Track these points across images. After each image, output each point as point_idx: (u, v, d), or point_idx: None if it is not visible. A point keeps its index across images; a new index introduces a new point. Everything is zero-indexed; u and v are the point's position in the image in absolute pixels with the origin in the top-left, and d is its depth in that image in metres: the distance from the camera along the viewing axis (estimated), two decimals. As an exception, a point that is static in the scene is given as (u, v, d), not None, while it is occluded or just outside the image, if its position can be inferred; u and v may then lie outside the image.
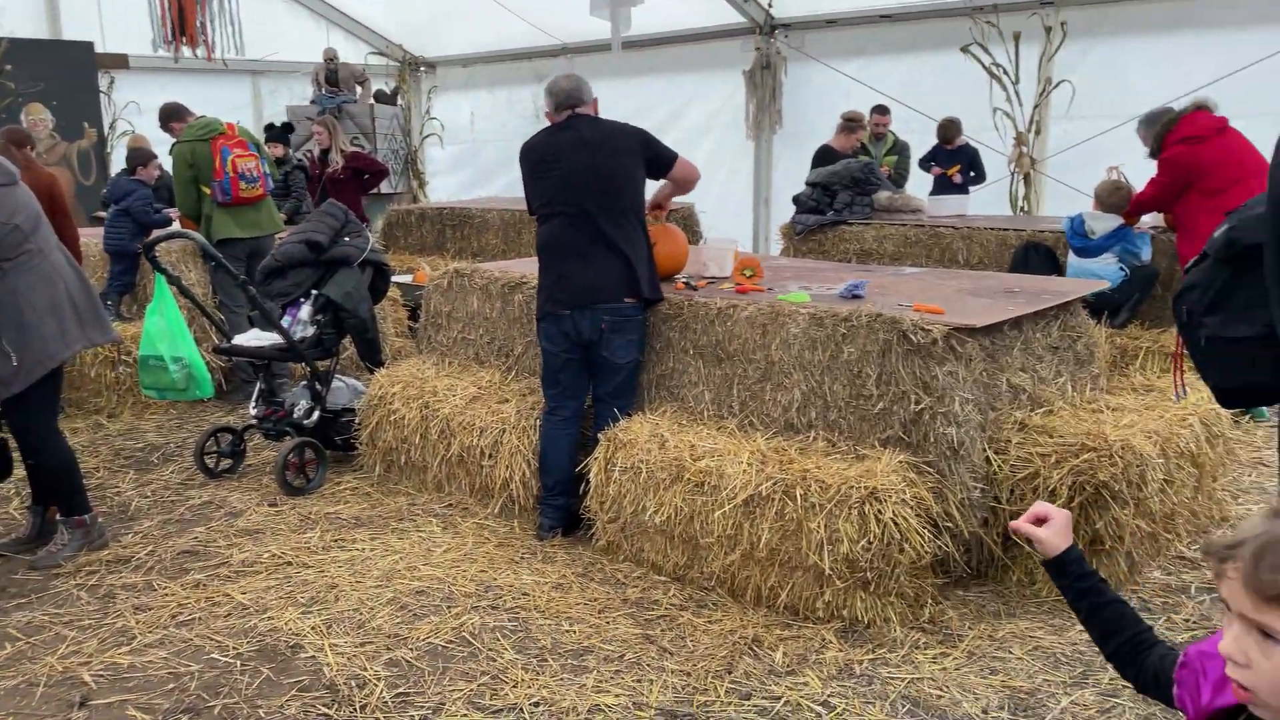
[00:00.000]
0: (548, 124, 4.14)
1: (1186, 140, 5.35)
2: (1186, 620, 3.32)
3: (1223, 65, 6.80)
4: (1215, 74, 6.71)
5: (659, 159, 4.09)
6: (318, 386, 4.94)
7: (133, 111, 10.58)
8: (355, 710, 2.89)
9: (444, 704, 2.91)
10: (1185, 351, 2.57)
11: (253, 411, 4.95)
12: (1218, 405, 3.07)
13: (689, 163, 4.21)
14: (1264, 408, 5.16)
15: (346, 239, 4.94)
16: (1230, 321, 2.32)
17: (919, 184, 8.60)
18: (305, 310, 4.85)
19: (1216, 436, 3.87)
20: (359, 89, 11.90)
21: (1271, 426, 5.08)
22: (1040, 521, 1.52)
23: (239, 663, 3.16)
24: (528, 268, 4.56)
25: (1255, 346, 2.20)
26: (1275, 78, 6.66)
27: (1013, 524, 1.54)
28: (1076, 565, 1.50)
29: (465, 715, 2.86)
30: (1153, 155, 5.62)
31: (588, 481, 3.92)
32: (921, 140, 8.62)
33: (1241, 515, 4.06)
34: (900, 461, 3.33)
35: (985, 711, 2.83)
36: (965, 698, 2.90)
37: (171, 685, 3.04)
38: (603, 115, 4.16)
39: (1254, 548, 1.02)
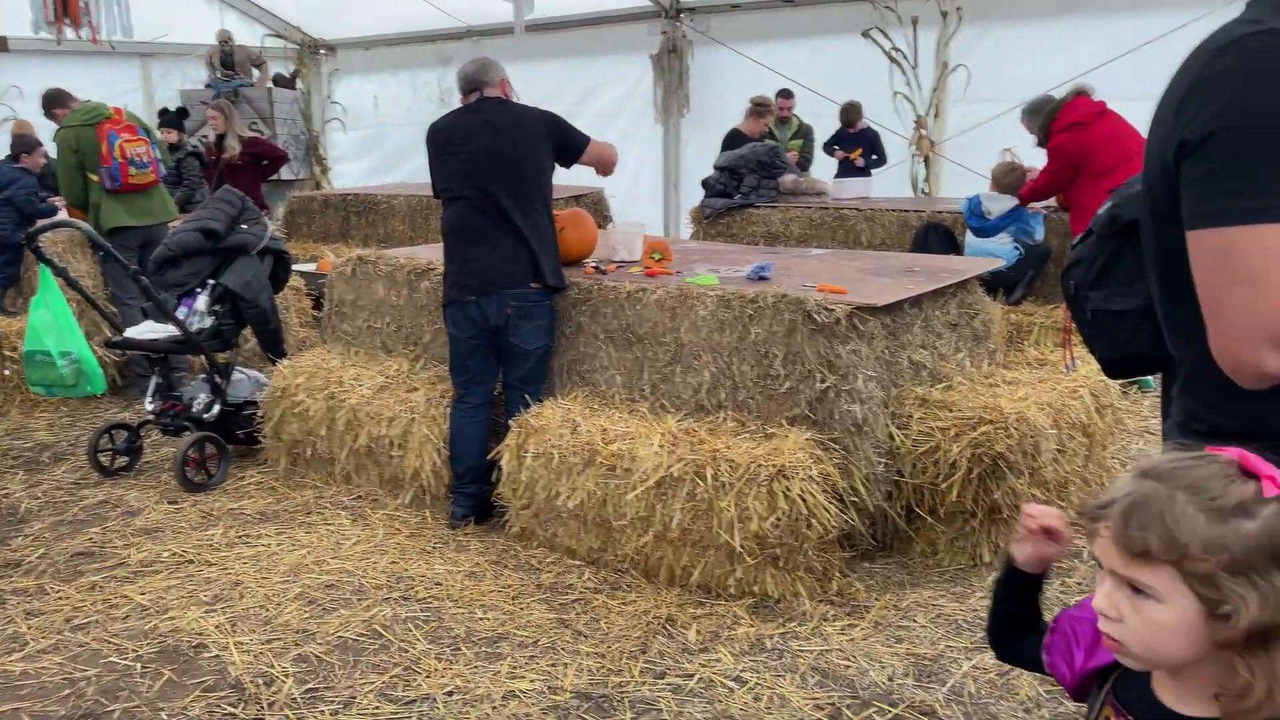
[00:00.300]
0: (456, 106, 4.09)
1: (1070, 127, 5.56)
2: (1079, 584, 3.47)
3: (1109, 49, 7.06)
4: (1103, 57, 6.98)
5: (569, 144, 4.05)
6: (217, 379, 4.79)
7: (14, 96, 10.05)
8: (263, 708, 2.83)
9: (355, 697, 2.87)
10: (1074, 325, 2.67)
11: (149, 406, 4.78)
12: (1105, 377, 3.20)
13: (604, 144, 4.19)
14: (1149, 378, 5.40)
15: (244, 226, 4.80)
16: (1114, 295, 2.39)
17: (823, 167, 8.74)
18: (202, 301, 4.69)
19: (1105, 407, 4.04)
20: (256, 72, 11.53)
21: (1157, 396, 5.33)
22: (1049, 533, 1.38)
23: (139, 665, 3.06)
24: (434, 254, 4.50)
25: (1137, 318, 2.29)
26: (1157, 61, 6.94)
27: (1027, 518, 1.39)
28: (1040, 587, 1.41)
29: (377, 708, 2.82)
30: (1041, 144, 5.83)
31: (500, 469, 3.90)
32: (825, 124, 8.76)
33: (1116, 479, 4.26)
34: (807, 439, 3.39)
35: (891, 679, 2.92)
36: (872, 666, 2.98)
37: (67, 691, 2.93)
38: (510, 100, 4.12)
39: (1123, 506, 1.06)
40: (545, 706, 2.82)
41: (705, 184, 7.81)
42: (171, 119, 8.01)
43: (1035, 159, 6.10)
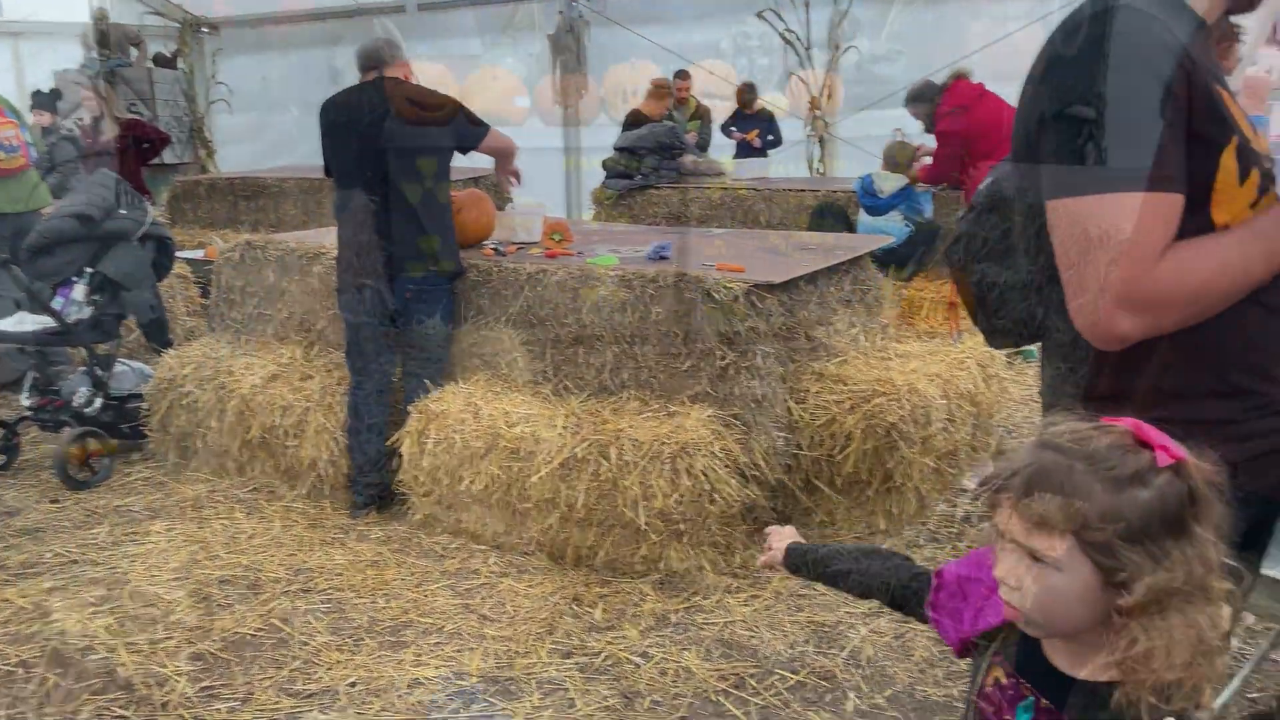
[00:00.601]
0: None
1: (954, 111, 5.74)
2: (969, 547, 3.60)
3: (993, 30, 7.29)
4: (986, 38, 7.19)
5: (469, 131, 3.99)
6: (98, 372, 4.59)
7: None
8: (155, 709, 2.74)
9: (253, 693, 2.80)
10: (959, 298, 2.75)
11: (25, 402, 4.55)
12: (990, 347, 3.32)
13: (501, 134, 4.14)
14: (1031, 348, 5.62)
15: (123, 211, 4.59)
16: (994, 268, 2.47)
17: (721, 149, 8.81)
18: (79, 290, 4.48)
19: (991, 377, 4.19)
20: (134, 51, 11.01)
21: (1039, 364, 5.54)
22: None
23: (22, 670, 2.93)
24: (327, 238, 4.39)
25: (1017, 290, 2.37)
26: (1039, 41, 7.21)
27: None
28: (804, 547, 1.63)
29: (276, 703, 2.76)
30: (928, 130, 6.00)
31: (400, 456, 3.84)
32: (723, 105, 8.82)
33: (1016, 449, 4.43)
34: (709, 416, 3.43)
35: (793, 647, 2.98)
36: (774, 635, 3.04)
37: (-58, 703, 2.79)
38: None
39: (1024, 477, 1.09)
40: (451, 692, 2.80)
41: (605, 165, 7.80)
42: (44, 101, 7.62)
43: (926, 138, 6.27)
